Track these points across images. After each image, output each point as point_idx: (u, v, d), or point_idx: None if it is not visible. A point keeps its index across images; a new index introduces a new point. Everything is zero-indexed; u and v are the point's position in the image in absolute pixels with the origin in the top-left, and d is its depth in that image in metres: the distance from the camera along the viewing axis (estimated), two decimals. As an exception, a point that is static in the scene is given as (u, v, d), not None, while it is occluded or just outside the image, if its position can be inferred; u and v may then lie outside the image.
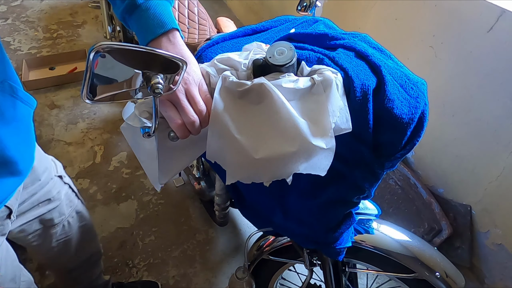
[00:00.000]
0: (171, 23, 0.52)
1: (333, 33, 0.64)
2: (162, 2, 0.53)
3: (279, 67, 0.52)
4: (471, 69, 1.17)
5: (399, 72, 0.61)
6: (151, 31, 0.51)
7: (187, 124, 0.51)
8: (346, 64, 0.56)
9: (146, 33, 0.52)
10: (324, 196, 0.68)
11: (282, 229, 0.82)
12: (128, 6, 0.52)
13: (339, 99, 0.53)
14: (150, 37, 0.51)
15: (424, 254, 0.83)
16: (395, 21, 1.37)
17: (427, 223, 1.38)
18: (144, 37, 0.52)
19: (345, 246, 0.76)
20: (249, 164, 0.51)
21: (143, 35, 0.52)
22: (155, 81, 0.43)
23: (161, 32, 0.51)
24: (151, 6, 0.51)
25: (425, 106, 0.63)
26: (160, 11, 0.52)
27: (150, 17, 0.51)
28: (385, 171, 0.67)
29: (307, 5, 1.10)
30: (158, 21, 0.51)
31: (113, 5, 0.56)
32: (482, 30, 1.10)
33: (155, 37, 0.51)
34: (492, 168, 1.21)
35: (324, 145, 0.51)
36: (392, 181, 1.50)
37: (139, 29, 0.52)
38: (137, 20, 0.52)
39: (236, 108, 0.51)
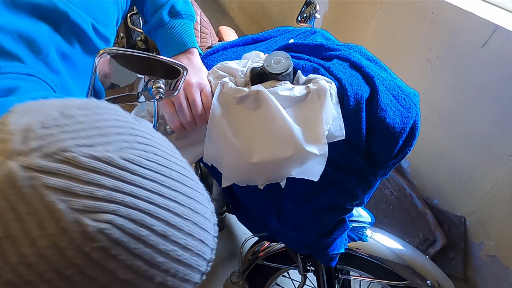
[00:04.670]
0: (191, 43, 0.60)
1: (329, 44, 0.67)
2: (185, 21, 0.60)
3: (276, 75, 0.54)
4: (466, 82, 1.20)
5: (392, 83, 0.64)
6: (174, 48, 0.59)
7: (184, 124, 0.54)
8: (341, 74, 0.58)
9: (169, 50, 0.59)
10: (318, 202, 0.69)
11: (276, 234, 0.84)
12: (155, 23, 0.58)
13: (332, 108, 0.55)
14: (172, 54, 0.59)
15: (416, 262, 0.84)
16: (392, 35, 1.40)
17: (422, 234, 1.40)
18: (167, 52, 0.60)
19: (338, 252, 0.78)
20: (245, 167, 0.53)
21: (166, 51, 0.60)
22: (157, 86, 0.45)
23: (182, 50, 0.59)
24: (176, 25, 0.59)
25: (417, 117, 0.65)
26: (183, 30, 0.60)
27: (175, 35, 0.59)
28: (378, 178, 0.69)
29: (307, 17, 1.14)
30: (180, 39, 0.60)
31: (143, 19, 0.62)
32: (477, 45, 1.13)
33: (175, 54, 0.59)
34: (486, 180, 1.22)
35: (317, 151, 0.53)
36: (388, 191, 1.52)
37: (163, 45, 0.61)
38: (162, 36, 0.60)
39: (233, 113, 0.54)
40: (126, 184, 0.26)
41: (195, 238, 0.29)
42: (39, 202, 0.24)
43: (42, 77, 0.45)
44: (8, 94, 0.41)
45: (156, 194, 0.27)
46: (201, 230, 0.30)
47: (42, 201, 0.24)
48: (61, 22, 0.48)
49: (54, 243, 0.24)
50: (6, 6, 0.45)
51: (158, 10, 0.60)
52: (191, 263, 0.29)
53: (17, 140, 0.25)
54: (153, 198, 0.27)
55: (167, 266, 0.27)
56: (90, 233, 0.24)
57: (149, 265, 0.27)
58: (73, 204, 0.24)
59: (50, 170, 0.25)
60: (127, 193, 0.26)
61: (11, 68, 0.42)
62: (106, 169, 0.26)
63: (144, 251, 0.26)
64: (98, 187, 0.25)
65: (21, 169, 0.24)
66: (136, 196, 0.26)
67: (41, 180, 0.24)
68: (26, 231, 0.24)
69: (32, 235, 0.24)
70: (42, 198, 0.24)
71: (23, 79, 0.43)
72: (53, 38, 0.48)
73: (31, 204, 0.24)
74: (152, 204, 0.27)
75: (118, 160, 0.26)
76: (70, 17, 0.48)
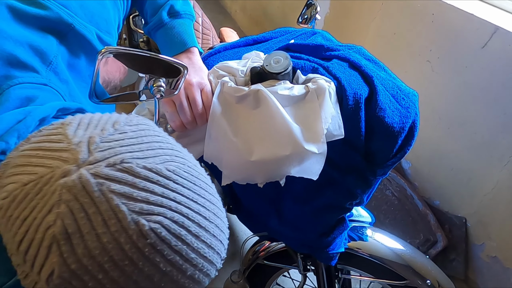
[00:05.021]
0: (191, 42, 0.61)
1: (329, 44, 0.67)
2: (185, 21, 0.60)
3: (275, 75, 0.55)
4: (466, 83, 1.20)
5: (391, 83, 0.64)
6: (174, 48, 0.60)
7: (185, 123, 0.55)
8: (340, 74, 0.59)
9: (170, 50, 0.60)
10: (318, 201, 0.70)
11: (277, 234, 0.84)
12: (155, 24, 0.59)
13: (331, 107, 0.55)
14: (173, 54, 0.60)
15: (416, 262, 0.84)
16: (393, 36, 1.40)
17: (423, 235, 1.40)
18: (168, 52, 0.61)
19: (338, 251, 0.78)
20: (244, 165, 0.54)
21: (167, 51, 0.61)
22: (158, 84, 0.46)
23: (182, 50, 0.60)
24: (176, 25, 0.60)
25: (416, 116, 0.66)
26: (183, 30, 0.61)
27: (175, 35, 0.60)
28: (378, 178, 0.70)
29: (308, 18, 1.14)
30: (180, 39, 0.61)
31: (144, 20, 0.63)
32: (477, 46, 1.13)
33: (176, 54, 0.60)
34: (486, 181, 1.22)
35: (316, 150, 0.54)
36: (389, 192, 1.52)
37: (163, 45, 0.62)
38: (162, 36, 0.61)
39: (233, 112, 0.54)
40: (171, 191, 0.31)
41: (217, 238, 0.34)
42: (106, 204, 0.29)
43: (54, 86, 0.47)
44: (27, 103, 0.43)
45: (191, 200, 0.32)
46: (220, 232, 0.35)
47: (108, 204, 0.29)
48: (67, 34, 0.50)
49: (115, 239, 0.29)
50: (15, 19, 0.47)
51: (157, 11, 0.61)
52: (212, 260, 0.34)
53: (84, 151, 0.30)
54: (189, 204, 0.32)
55: (196, 262, 0.32)
56: (144, 231, 0.29)
57: (184, 260, 0.31)
58: (132, 207, 0.29)
59: (114, 178, 0.29)
60: (171, 199, 0.31)
61: (26, 78, 0.45)
62: (156, 178, 0.31)
63: (181, 248, 0.31)
64: (151, 193, 0.30)
65: (92, 176, 0.29)
66: (178, 202, 0.31)
67: (108, 186, 0.29)
68: (93, 228, 0.29)
69: (97, 231, 0.28)
70: (108, 201, 0.29)
71: (39, 88, 0.45)
72: (60, 50, 0.50)
73: (99, 206, 0.29)
74: (189, 209, 0.32)
75: (164, 171, 0.32)
76: (76, 29, 0.50)
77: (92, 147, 0.31)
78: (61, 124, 0.33)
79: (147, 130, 0.35)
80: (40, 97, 0.44)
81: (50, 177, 0.29)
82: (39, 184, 0.29)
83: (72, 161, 0.30)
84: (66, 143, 0.31)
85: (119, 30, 0.62)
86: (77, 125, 0.33)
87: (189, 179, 0.33)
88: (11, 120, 0.39)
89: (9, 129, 0.39)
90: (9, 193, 0.31)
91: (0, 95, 0.42)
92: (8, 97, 0.42)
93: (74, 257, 0.28)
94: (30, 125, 0.40)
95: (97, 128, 0.33)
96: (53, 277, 0.29)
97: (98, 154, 0.30)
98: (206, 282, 0.35)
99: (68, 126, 0.32)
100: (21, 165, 0.31)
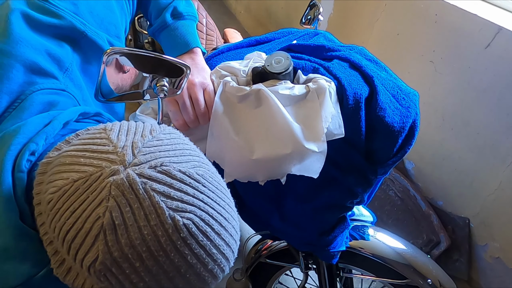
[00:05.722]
0: (194, 43, 0.63)
1: (330, 45, 0.68)
2: (188, 22, 0.62)
3: (276, 75, 0.56)
4: (469, 84, 1.20)
5: (391, 83, 0.65)
6: (177, 49, 0.62)
7: (187, 122, 0.56)
8: (340, 74, 0.60)
9: (173, 51, 0.62)
10: (319, 200, 0.70)
11: (278, 232, 0.85)
12: (159, 25, 0.61)
13: (331, 106, 0.56)
14: (176, 55, 0.62)
15: (417, 261, 0.85)
16: (396, 36, 1.41)
17: (426, 235, 1.40)
18: (171, 53, 0.62)
19: (339, 250, 0.79)
20: (246, 164, 0.55)
21: (170, 52, 0.63)
22: (161, 84, 0.47)
23: (185, 51, 0.61)
24: (179, 26, 0.61)
25: (416, 116, 0.66)
26: (186, 31, 0.62)
27: (178, 36, 0.61)
28: (379, 177, 0.70)
29: (311, 19, 1.15)
30: (184, 40, 0.62)
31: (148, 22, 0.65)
32: (480, 46, 1.13)
33: (179, 54, 0.61)
34: (490, 182, 1.22)
35: (316, 148, 0.55)
36: (392, 192, 1.52)
37: (167, 46, 0.63)
38: (166, 38, 0.62)
39: (235, 111, 0.55)
40: (200, 193, 0.36)
41: (233, 238, 0.38)
42: (148, 201, 0.33)
43: (71, 92, 0.50)
44: (50, 107, 0.46)
45: (215, 202, 0.37)
46: (235, 233, 0.39)
47: (150, 201, 0.33)
48: (80, 41, 0.53)
49: (154, 231, 0.33)
50: (30, 27, 0.49)
51: (161, 12, 0.63)
52: (228, 257, 0.38)
53: (129, 154, 0.35)
54: (214, 205, 0.36)
55: (216, 257, 0.36)
56: (178, 226, 0.33)
57: (207, 254, 0.35)
58: (169, 204, 0.33)
59: (156, 178, 0.34)
60: (200, 199, 0.35)
61: (47, 84, 0.47)
62: (188, 181, 0.35)
63: (206, 243, 0.35)
64: (184, 194, 0.34)
65: (137, 176, 0.33)
66: (205, 202, 0.36)
67: (151, 185, 0.33)
68: (135, 221, 0.33)
69: (139, 224, 0.33)
70: (150, 198, 0.33)
71: (59, 94, 0.48)
72: (74, 57, 0.52)
73: (142, 202, 0.33)
74: (213, 210, 0.36)
75: (195, 175, 0.36)
76: (88, 36, 0.52)
77: (135, 151, 0.35)
78: (103, 130, 0.38)
79: (178, 139, 0.40)
80: (61, 102, 0.47)
81: (100, 175, 0.33)
82: (89, 180, 0.33)
83: (119, 162, 0.34)
84: (112, 146, 0.35)
85: (126, 33, 0.63)
86: (118, 131, 0.37)
87: (213, 183, 0.38)
88: (39, 124, 0.42)
89: (38, 131, 0.42)
90: (58, 188, 0.34)
91: (24, 100, 0.45)
92: (32, 102, 0.45)
93: (118, 246, 0.32)
94: (56, 128, 0.43)
95: (137, 135, 0.37)
96: (96, 263, 0.33)
97: (141, 157, 0.35)
98: (220, 278, 0.38)
99: (111, 132, 0.37)
100: (69, 164, 0.35)
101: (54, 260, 0.36)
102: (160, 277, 0.34)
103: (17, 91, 0.45)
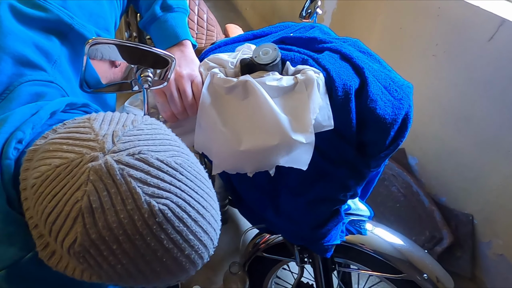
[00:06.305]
0: (184, 35, 0.63)
1: (322, 37, 0.68)
2: (178, 15, 0.62)
3: (264, 66, 0.56)
4: (472, 78, 1.18)
5: (383, 75, 0.64)
6: (167, 41, 0.62)
7: (175, 114, 0.56)
8: (329, 65, 0.59)
9: (163, 43, 0.62)
10: (311, 193, 0.70)
11: (273, 226, 0.85)
12: (149, 18, 0.61)
13: (319, 97, 0.56)
14: (166, 47, 0.62)
15: (414, 256, 0.84)
16: (399, 30, 1.39)
17: (428, 231, 1.38)
18: (161, 45, 0.63)
19: (333, 243, 0.78)
20: (234, 155, 0.55)
21: (160, 44, 0.63)
22: (145, 74, 0.48)
23: (175, 43, 0.62)
24: (168, 19, 0.61)
25: (409, 108, 0.65)
26: (176, 23, 0.62)
27: (167, 28, 0.62)
28: (372, 170, 0.70)
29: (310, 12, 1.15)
30: (173, 32, 0.62)
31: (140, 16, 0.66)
32: (483, 39, 1.11)
33: (169, 47, 0.61)
34: (493, 177, 1.20)
35: (304, 139, 0.54)
36: (395, 188, 1.50)
37: (157, 38, 0.64)
38: (156, 30, 0.63)
39: (223, 103, 0.56)
40: (177, 181, 0.37)
41: (211, 226, 0.39)
42: (125, 186, 0.34)
43: (60, 83, 0.51)
44: (37, 98, 0.47)
45: (193, 190, 0.38)
46: (214, 221, 0.40)
47: (127, 186, 0.34)
48: (67, 34, 0.53)
49: (130, 216, 0.34)
50: (18, 21, 0.50)
51: (151, 5, 0.63)
52: (206, 244, 0.39)
53: (109, 142, 0.36)
54: (191, 193, 0.37)
55: (193, 243, 0.37)
56: (154, 211, 0.34)
57: (183, 240, 0.36)
58: (146, 190, 0.35)
59: (133, 165, 0.35)
60: (177, 187, 0.36)
61: (35, 76, 0.49)
62: (166, 168, 0.36)
63: (182, 229, 0.36)
64: (161, 181, 0.36)
65: (115, 162, 0.35)
66: (182, 190, 0.37)
67: (128, 171, 0.34)
68: (112, 205, 0.34)
69: (116, 208, 0.34)
70: (127, 184, 0.34)
71: (47, 85, 0.49)
72: (63, 50, 0.53)
73: (119, 187, 0.34)
74: (190, 197, 0.37)
75: (173, 164, 0.37)
76: (75, 29, 0.53)
77: (115, 139, 0.36)
78: (88, 119, 0.39)
79: (159, 129, 0.41)
80: (48, 93, 0.48)
81: (80, 161, 0.35)
82: (70, 166, 0.35)
83: (99, 149, 0.35)
84: (93, 134, 0.37)
85: (117, 27, 0.64)
86: (102, 121, 0.39)
87: (191, 173, 0.38)
88: (26, 113, 0.43)
89: (25, 121, 0.43)
90: (42, 173, 0.36)
91: (12, 91, 0.46)
92: (20, 93, 0.46)
93: (95, 228, 0.34)
94: (43, 118, 0.44)
95: (118, 124, 0.39)
96: (75, 245, 0.34)
97: (120, 145, 0.36)
98: (199, 264, 0.40)
99: (94, 121, 0.39)
100: (53, 150, 0.37)
101: (39, 243, 0.38)
102: (137, 260, 0.35)
103: (6, 82, 0.46)
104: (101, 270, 0.36)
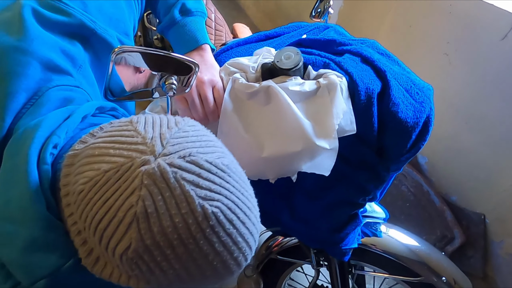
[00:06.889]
0: (203, 39, 0.62)
1: (341, 39, 0.66)
2: (196, 19, 0.61)
3: (286, 71, 0.55)
4: (485, 77, 1.17)
5: (404, 77, 0.63)
6: (186, 45, 0.61)
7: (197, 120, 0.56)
8: (351, 69, 0.58)
9: (182, 47, 0.62)
10: (330, 196, 0.70)
11: (289, 229, 0.84)
12: (167, 22, 0.60)
13: (343, 102, 0.55)
14: (185, 52, 0.61)
15: (431, 258, 0.83)
16: (409, 28, 1.37)
17: (439, 231, 1.37)
18: (180, 50, 0.62)
19: (351, 247, 0.78)
20: (256, 161, 0.54)
21: (179, 49, 0.62)
22: (170, 82, 0.47)
23: (194, 47, 0.61)
24: (187, 23, 0.61)
25: (431, 111, 0.65)
26: (195, 28, 0.62)
27: (186, 33, 0.61)
28: (391, 173, 0.69)
29: (321, 12, 1.13)
30: (192, 37, 0.62)
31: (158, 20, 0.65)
32: (496, 38, 1.09)
33: (188, 51, 0.61)
34: (505, 176, 1.19)
35: (328, 145, 0.54)
36: (405, 187, 1.50)
37: (176, 43, 0.63)
38: (175, 34, 0.62)
39: (245, 108, 0.55)
40: (226, 182, 0.36)
41: (255, 227, 0.39)
42: (179, 190, 0.33)
43: (85, 88, 0.51)
44: (66, 103, 0.47)
45: (239, 192, 0.37)
46: (257, 222, 0.40)
47: (181, 189, 0.34)
48: (90, 39, 0.53)
49: (184, 219, 0.33)
50: (42, 25, 0.49)
51: (169, 9, 0.62)
52: (251, 245, 0.39)
53: (159, 145, 0.35)
54: (238, 195, 0.37)
55: (241, 245, 0.37)
56: (207, 214, 0.34)
57: (233, 243, 0.36)
58: (199, 193, 0.34)
59: (185, 168, 0.34)
60: (226, 188, 0.36)
61: (62, 80, 0.48)
62: (215, 170, 0.36)
63: (232, 231, 0.36)
64: (212, 183, 0.35)
65: (168, 166, 0.34)
66: (231, 191, 0.36)
67: (181, 174, 0.34)
68: (167, 209, 0.33)
69: (171, 213, 0.33)
70: (180, 187, 0.34)
71: (74, 90, 0.49)
72: (86, 55, 0.53)
73: (173, 191, 0.33)
74: (238, 199, 0.37)
75: (221, 165, 0.37)
76: (98, 33, 0.52)
77: (164, 141, 0.36)
78: (130, 122, 0.38)
79: (202, 131, 0.40)
80: (76, 98, 0.48)
81: (131, 165, 0.34)
82: (120, 171, 0.34)
83: (149, 152, 0.35)
84: (140, 137, 0.36)
85: (135, 31, 0.63)
86: (145, 123, 0.38)
87: (237, 174, 0.38)
88: (59, 118, 0.43)
89: (58, 125, 0.42)
90: (90, 178, 0.35)
91: (41, 96, 0.46)
92: (49, 98, 0.46)
93: (150, 234, 0.33)
94: (75, 122, 0.43)
95: (163, 127, 0.38)
96: (129, 251, 0.33)
97: (170, 148, 0.35)
98: (243, 266, 0.39)
99: (137, 124, 0.38)
100: (99, 155, 0.36)
101: (83, 250, 0.37)
102: (189, 264, 0.35)
103: (34, 88, 0.46)
104: (152, 276, 0.35)
